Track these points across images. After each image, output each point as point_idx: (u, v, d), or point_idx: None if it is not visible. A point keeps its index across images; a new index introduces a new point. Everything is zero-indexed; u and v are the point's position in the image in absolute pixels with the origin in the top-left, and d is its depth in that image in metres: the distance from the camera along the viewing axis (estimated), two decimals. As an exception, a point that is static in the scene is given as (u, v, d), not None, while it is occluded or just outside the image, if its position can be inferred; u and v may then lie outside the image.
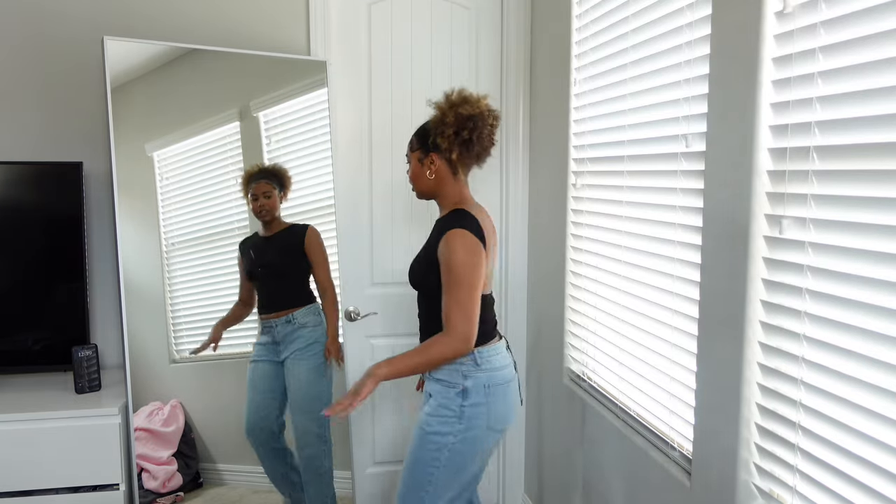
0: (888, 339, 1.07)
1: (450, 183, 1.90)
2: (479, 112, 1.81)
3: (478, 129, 1.81)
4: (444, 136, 1.83)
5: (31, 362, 2.31)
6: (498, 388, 1.86)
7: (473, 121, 1.81)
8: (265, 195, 2.29)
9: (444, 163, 1.88)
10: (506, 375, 1.90)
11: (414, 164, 1.92)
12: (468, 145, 1.83)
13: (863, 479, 1.12)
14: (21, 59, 2.37)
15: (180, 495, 2.26)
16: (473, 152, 1.85)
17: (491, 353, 1.87)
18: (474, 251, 1.77)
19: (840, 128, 1.16)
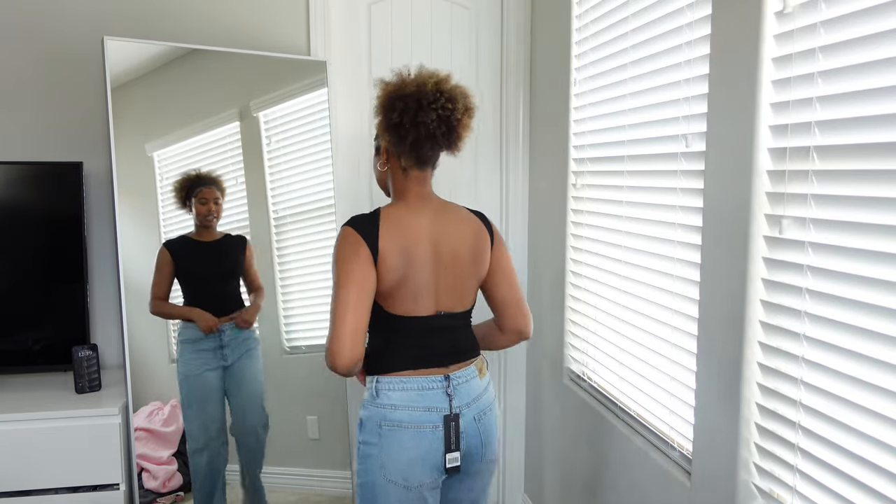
0: (888, 339, 1.07)
1: (396, 176, 1.63)
2: (413, 91, 1.51)
3: (410, 110, 1.50)
4: (377, 121, 1.58)
5: (31, 362, 2.31)
6: (392, 433, 1.53)
7: (405, 101, 1.51)
8: (215, 201, 2.29)
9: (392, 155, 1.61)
10: (405, 418, 1.53)
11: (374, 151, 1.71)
12: (399, 130, 1.53)
13: (863, 479, 1.12)
14: (21, 59, 2.37)
15: (180, 495, 2.26)
16: (407, 140, 1.53)
17: (392, 385, 1.55)
18: (344, 246, 1.52)
19: (840, 128, 1.16)
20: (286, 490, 2.43)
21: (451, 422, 1.55)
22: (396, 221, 1.56)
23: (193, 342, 2.26)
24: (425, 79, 1.53)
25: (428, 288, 1.57)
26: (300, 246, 2.46)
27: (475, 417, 1.61)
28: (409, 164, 1.59)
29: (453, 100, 1.54)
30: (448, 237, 1.60)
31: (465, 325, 1.67)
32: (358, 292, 1.48)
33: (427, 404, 1.55)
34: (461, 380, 1.60)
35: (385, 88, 1.55)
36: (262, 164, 2.39)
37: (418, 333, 1.58)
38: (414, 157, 1.57)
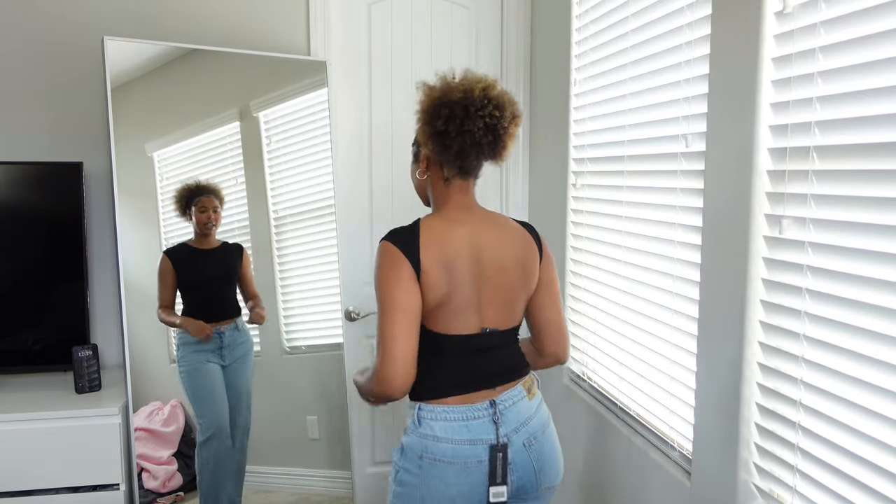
0: (888, 339, 1.07)
1: (437, 186, 1.54)
2: (459, 98, 1.42)
3: (456, 118, 1.41)
4: (418, 127, 1.48)
5: (31, 362, 2.31)
6: (435, 466, 1.43)
7: (451, 108, 1.42)
8: (214, 210, 2.31)
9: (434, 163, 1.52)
10: (448, 453, 1.43)
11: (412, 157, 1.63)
12: (443, 139, 1.43)
13: (863, 478, 1.12)
14: (21, 59, 2.36)
15: (180, 495, 2.26)
16: (451, 149, 1.44)
17: (435, 414, 1.45)
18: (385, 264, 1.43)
19: (840, 128, 1.16)
20: (286, 490, 2.43)
21: (498, 452, 1.44)
22: (437, 233, 1.46)
23: (192, 344, 2.27)
24: (472, 84, 1.44)
25: (472, 303, 1.47)
26: (300, 246, 2.46)
27: (525, 443, 1.49)
28: (453, 174, 1.50)
29: (501, 107, 1.45)
30: (492, 249, 1.50)
31: (513, 342, 1.57)
32: (404, 316, 1.40)
33: (472, 437, 1.44)
34: (508, 402, 1.49)
35: (429, 94, 1.45)
36: (262, 164, 2.39)
37: (462, 353, 1.48)
38: (458, 166, 1.48)
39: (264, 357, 2.41)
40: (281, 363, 2.44)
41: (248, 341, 2.37)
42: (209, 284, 2.32)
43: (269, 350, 2.42)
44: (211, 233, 2.30)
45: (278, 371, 2.44)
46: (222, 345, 2.30)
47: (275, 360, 2.43)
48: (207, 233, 2.28)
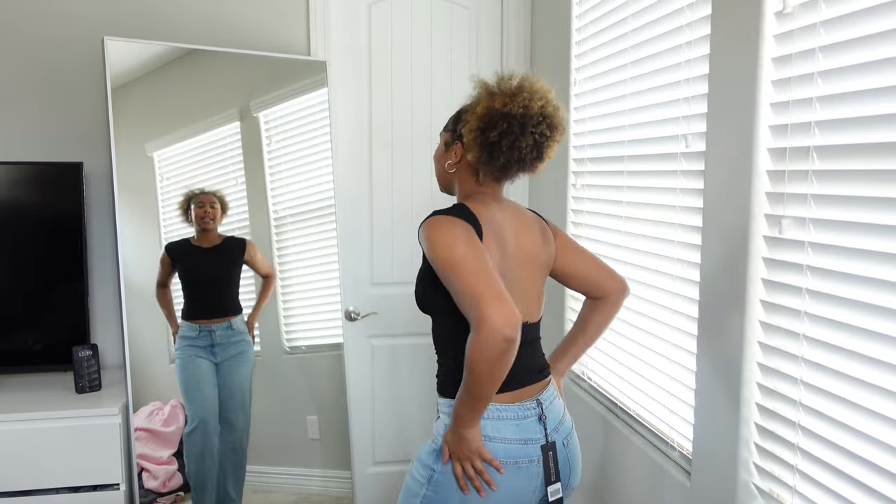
0: (888, 338, 1.07)
1: (468, 184, 1.50)
2: (521, 113, 1.35)
3: (512, 133, 1.36)
4: (467, 129, 1.40)
5: (31, 362, 2.31)
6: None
7: (509, 121, 1.35)
8: (211, 205, 2.31)
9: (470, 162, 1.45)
10: (499, 453, 1.37)
11: (440, 145, 1.55)
12: (493, 150, 1.38)
13: (863, 478, 1.12)
14: (21, 59, 2.37)
15: (180, 495, 2.26)
16: (498, 161, 1.39)
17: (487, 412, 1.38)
18: (446, 228, 1.33)
19: (840, 128, 1.16)
20: (286, 490, 2.43)
21: (549, 451, 1.41)
22: (485, 213, 1.40)
23: (187, 339, 2.29)
24: (533, 98, 1.37)
25: (514, 291, 1.41)
26: (300, 246, 2.46)
27: (563, 443, 1.47)
28: (489, 181, 1.46)
29: (553, 127, 1.40)
30: (526, 240, 1.48)
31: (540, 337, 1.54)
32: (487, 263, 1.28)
33: (524, 436, 1.39)
34: (548, 401, 1.46)
35: (490, 101, 1.37)
36: (263, 164, 2.39)
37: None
38: (496, 176, 1.45)
39: (264, 357, 2.41)
40: (281, 363, 2.44)
41: (243, 341, 2.36)
42: (203, 282, 2.32)
43: (269, 350, 2.42)
44: (209, 228, 2.30)
45: (278, 371, 2.44)
46: (213, 342, 2.31)
47: (275, 360, 2.43)
48: (205, 227, 2.29)
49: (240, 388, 2.36)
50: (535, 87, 1.39)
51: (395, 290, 2.70)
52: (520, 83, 1.39)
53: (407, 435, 2.77)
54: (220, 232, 2.33)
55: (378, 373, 2.72)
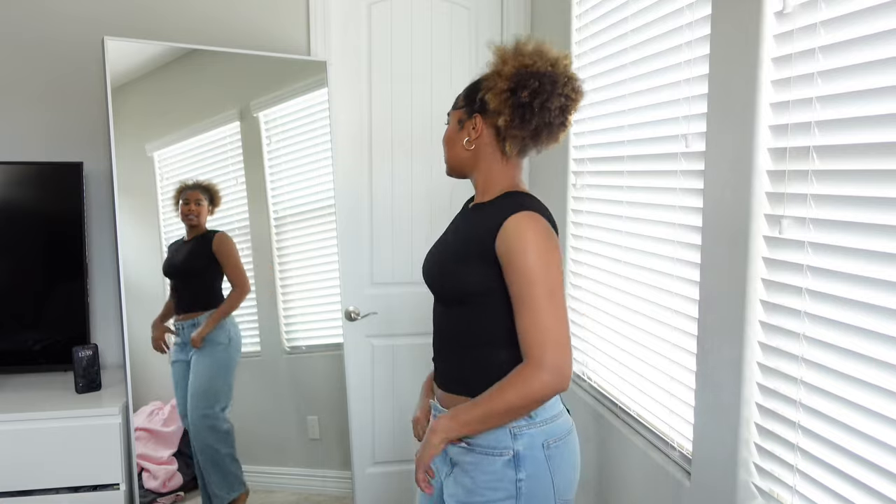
0: (888, 339, 1.07)
1: (493, 159, 1.40)
2: (550, 71, 1.31)
3: (544, 92, 1.30)
4: (495, 92, 1.32)
5: (31, 362, 2.31)
6: (560, 445, 1.36)
7: (540, 79, 1.30)
8: (196, 202, 2.31)
9: (490, 131, 1.38)
10: (565, 424, 1.39)
11: (452, 124, 1.46)
12: (524, 112, 1.31)
13: (863, 478, 1.12)
14: (21, 59, 2.37)
15: (181, 495, 2.26)
16: (531, 124, 1.32)
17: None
18: (549, 242, 1.28)
19: (840, 127, 1.16)
20: (286, 490, 2.43)
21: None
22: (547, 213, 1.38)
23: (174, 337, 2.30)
24: (558, 57, 1.32)
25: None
26: (300, 246, 2.46)
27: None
28: (516, 151, 1.38)
29: (576, 91, 1.34)
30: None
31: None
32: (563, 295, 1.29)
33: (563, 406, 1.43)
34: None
35: (518, 59, 1.31)
36: (262, 164, 2.39)
37: None
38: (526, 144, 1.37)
39: (264, 357, 2.41)
40: (281, 363, 2.44)
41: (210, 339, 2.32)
42: (173, 277, 2.30)
43: (269, 350, 2.42)
44: (192, 224, 2.29)
45: (278, 371, 2.44)
46: (184, 340, 2.30)
47: (275, 360, 2.43)
48: (189, 224, 2.29)
49: (195, 384, 2.32)
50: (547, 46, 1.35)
51: (395, 290, 2.70)
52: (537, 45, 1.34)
53: (407, 435, 2.76)
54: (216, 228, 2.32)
55: (378, 373, 2.72)
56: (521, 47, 1.33)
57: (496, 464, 1.31)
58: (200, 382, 2.32)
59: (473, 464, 1.33)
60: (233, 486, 2.36)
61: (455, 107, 1.47)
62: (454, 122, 1.45)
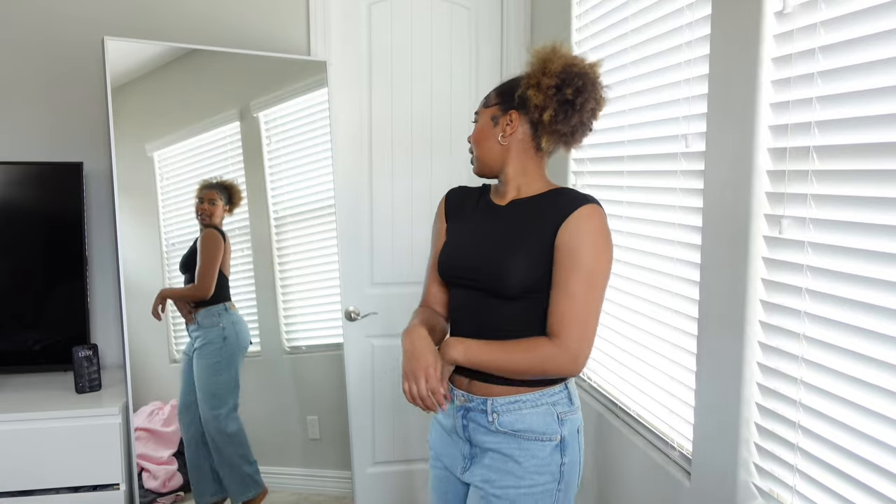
0: (888, 339, 1.07)
1: (527, 156, 1.44)
2: (590, 74, 1.38)
3: (585, 92, 1.36)
4: (539, 89, 1.36)
5: (31, 362, 2.31)
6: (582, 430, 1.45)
7: (583, 79, 1.36)
8: (209, 201, 2.31)
9: (527, 127, 1.42)
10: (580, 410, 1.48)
11: (483, 121, 1.47)
12: (567, 109, 1.36)
13: (863, 478, 1.12)
14: (21, 59, 2.37)
15: (181, 495, 2.26)
16: (571, 122, 1.36)
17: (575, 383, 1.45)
18: (609, 237, 1.35)
19: (840, 128, 1.16)
20: (286, 490, 2.43)
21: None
22: None
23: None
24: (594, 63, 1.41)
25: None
26: (300, 246, 2.46)
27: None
28: (552, 147, 1.43)
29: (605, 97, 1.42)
30: None
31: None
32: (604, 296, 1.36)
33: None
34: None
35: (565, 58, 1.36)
36: (262, 164, 2.39)
37: None
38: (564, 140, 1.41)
39: (264, 357, 2.41)
40: (281, 363, 2.44)
41: (202, 336, 2.31)
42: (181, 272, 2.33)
43: (269, 350, 2.42)
44: (205, 223, 2.30)
45: (278, 371, 2.44)
46: (189, 334, 2.31)
47: (275, 360, 2.43)
48: (200, 222, 2.30)
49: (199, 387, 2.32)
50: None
51: (395, 290, 2.70)
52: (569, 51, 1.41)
53: (407, 435, 2.77)
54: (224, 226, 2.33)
55: (378, 373, 2.72)
56: (560, 48, 1.38)
57: (546, 449, 1.36)
58: (202, 385, 2.33)
59: (522, 450, 1.36)
60: (248, 486, 2.36)
61: (486, 104, 1.48)
62: (486, 118, 1.47)
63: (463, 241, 1.48)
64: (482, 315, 1.41)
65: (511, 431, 1.37)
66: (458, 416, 1.43)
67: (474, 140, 1.49)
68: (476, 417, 1.40)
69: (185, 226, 2.28)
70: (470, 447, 1.43)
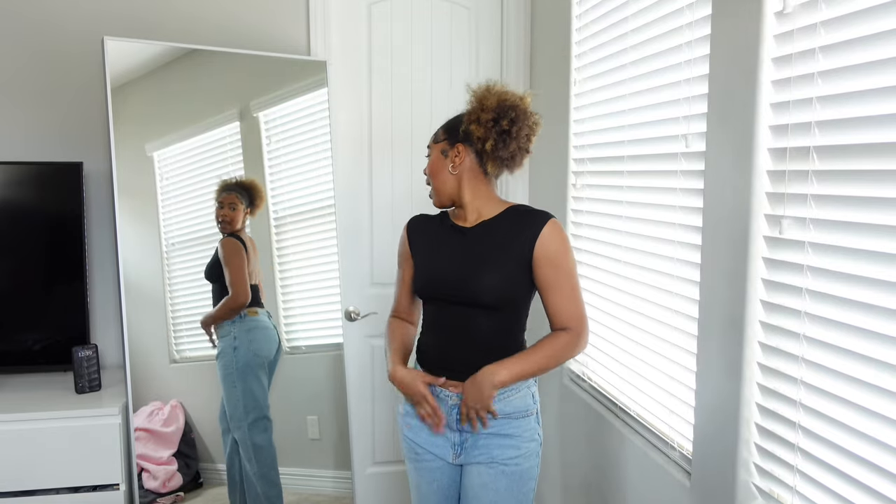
0: (888, 339, 1.07)
1: (477, 181, 1.66)
2: (521, 106, 1.60)
3: (518, 122, 1.59)
4: (479, 123, 1.59)
5: (31, 362, 2.31)
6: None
7: (515, 111, 1.59)
8: (230, 206, 2.30)
9: (472, 157, 1.64)
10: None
11: (435, 156, 1.69)
12: (505, 137, 1.58)
13: (863, 478, 1.12)
14: (21, 59, 2.37)
15: (180, 495, 2.26)
16: (509, 148, 1.59)
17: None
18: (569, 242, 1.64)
19: (840, 128, 1.16)
20: (286, 490, 2.43)
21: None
22: None
23: None
24: (523, 96, 1.63)
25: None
26: (300, 246, 2.46)
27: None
28: (497, 171, 1.66)
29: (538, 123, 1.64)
30: None
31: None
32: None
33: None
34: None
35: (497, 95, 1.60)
36: (262, 164, 2.39)
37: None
38: (506, 165, 1.64)
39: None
40: (281, 363, 2.44)
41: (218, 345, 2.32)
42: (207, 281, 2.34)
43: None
44: (226, 231, 2.30)
45: (278, 371, 2.44)
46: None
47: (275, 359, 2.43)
48: (221, 230, 2.29)
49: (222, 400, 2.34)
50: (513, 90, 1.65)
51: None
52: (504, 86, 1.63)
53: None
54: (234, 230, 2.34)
55: (378, 373, 2.72)
56: (493, 87, 1.61)
57: (530, 422, 1.64)
58: (224, 397, 2.33)
59: (514, 425, 1.62)
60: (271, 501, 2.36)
61: (436, 140, 1.70)
62: (437, 153, 1.69)
63: (439, 262, 1.67)
64: (463, 326, 1.63)
65: (503, 415, 1.61)
66: (450, 412, 1.63)
67: (430, 172, 1.70)
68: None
69: (186, 226, 2.28)
70: (460, 435, 1.64)
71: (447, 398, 1.63)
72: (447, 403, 1.63)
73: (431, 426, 1.63)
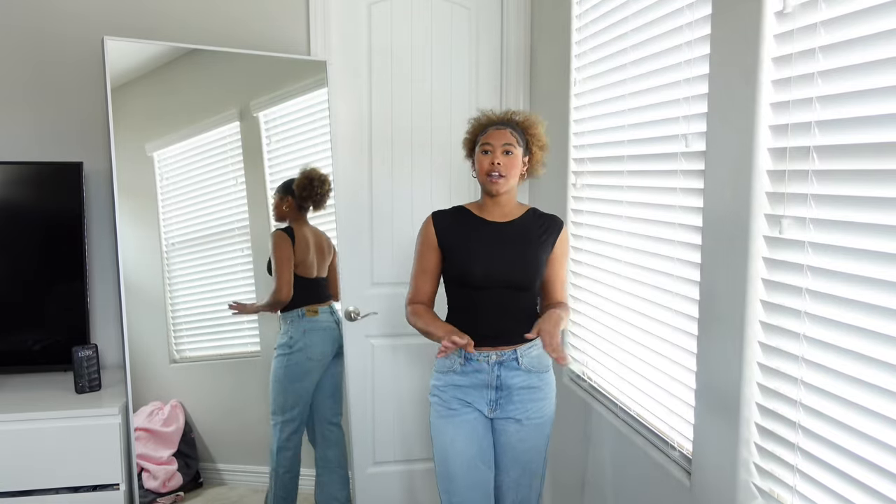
0: (888, 339, 1.07)
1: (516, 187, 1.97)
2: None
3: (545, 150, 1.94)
4: (541, 149, 1.92)
5: (31, 362, 2.31)
6: None
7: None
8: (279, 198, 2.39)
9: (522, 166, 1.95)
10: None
11: (518, 156, 1.89)
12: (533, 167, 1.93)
13: (863, 478, 1.12)
14: (21, 59, 2.36)
15: (180, 495, 2.26)
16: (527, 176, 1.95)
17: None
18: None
19: (840, 127, 1.16)
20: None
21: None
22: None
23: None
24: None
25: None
26: (300, 246, 2.46)
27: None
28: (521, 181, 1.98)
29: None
30: None
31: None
32: None
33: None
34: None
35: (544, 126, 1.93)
36: (262, 164, 2.39)
37: None
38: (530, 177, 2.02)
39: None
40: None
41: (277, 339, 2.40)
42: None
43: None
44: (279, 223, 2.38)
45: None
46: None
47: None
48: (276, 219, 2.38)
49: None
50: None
51: (395, 290, 2.69)
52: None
53: (407, 435, 2.76)
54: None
55: (378, 373, 2.71)
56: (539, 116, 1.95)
57: (550, 376, 1.92)
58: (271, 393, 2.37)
59: (541, 380, 1.89)
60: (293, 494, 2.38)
61: (519, 144, 1.89)
62: (520, 155, 1.89)
63: (486, 251, 1.87)
64: (502, 304, 1.86)
65: (533, 369, 1.86)
66: (491, 371, 1.84)
67: (514, 167, 1.87)
68: (509, 364, 1.84)
69: (186, 226, 2.28)
70: (496, 392, 1.86)
71: (485, 359, 1.84)
72: (487, 363, 1.84)
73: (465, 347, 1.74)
